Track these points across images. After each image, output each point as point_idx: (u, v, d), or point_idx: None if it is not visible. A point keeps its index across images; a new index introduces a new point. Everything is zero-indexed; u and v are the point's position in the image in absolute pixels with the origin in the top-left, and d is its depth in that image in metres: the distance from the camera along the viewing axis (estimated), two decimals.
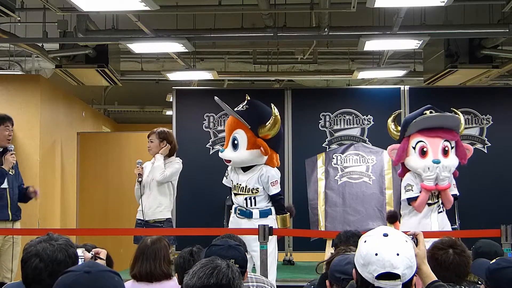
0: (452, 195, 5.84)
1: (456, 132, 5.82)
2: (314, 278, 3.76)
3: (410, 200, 5.78)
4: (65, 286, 1.94)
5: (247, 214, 5.76)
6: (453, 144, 5.81)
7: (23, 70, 9.35)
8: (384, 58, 9.18)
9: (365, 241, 2.40)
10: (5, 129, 6.04)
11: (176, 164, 6.38)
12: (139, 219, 6.24)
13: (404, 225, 5.72)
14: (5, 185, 5.97)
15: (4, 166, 5.95)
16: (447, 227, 5.84)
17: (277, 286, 4.54)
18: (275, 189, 5.80)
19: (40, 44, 8.00)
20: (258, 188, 5.77)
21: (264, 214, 5.78)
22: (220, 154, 5.99)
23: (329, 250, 6.96)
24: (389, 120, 6.24)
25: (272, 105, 5.71)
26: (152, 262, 3.97)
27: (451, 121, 5.87)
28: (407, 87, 8.37)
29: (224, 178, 6.05)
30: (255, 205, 5.75)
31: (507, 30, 7.00)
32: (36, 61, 9.38)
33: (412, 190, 5.80)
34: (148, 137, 6.38)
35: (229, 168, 5.99)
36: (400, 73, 9.44)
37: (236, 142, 5.78)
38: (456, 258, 3.30)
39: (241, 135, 5.79)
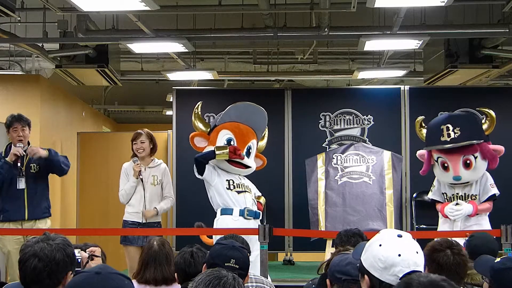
0: (489, 196, 5.86)
1: (473, 145, 5.79)
2: (314, 277, 3.76)
3: (433, 201, 5.93)
4: (75, 286, 1.97)
5: (257, 215, 5.76)
6: (477, 154, 5.79)
7: (23, 70, 9.34)
8: (384, 58, 9.18)
9: (380, 245, 2.38)
10: (13, 131, 6.05)
11: (167, 171, 6.45)
12: (133, 221, 6.21)
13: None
14: (21, 186, 5.98)
15: (7, 158, 5.96)
16: (471, 228, 5.73)
17: (277, 286, 4.54)
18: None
19: (40, 44, 8.00)
20: (255, 193, 5.97)
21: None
22: (244, 161, 5.91)
23: (329, 250, 6.96)
24: (417, 127, 6.25)
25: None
26: (165, 266, 3.97)
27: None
28: (407, 87, 8.37)
29: (207, 170, 5.83)
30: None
31: (507, 30, 7.00)
32: (36, 61, 9.38)
33: (432, 191, 6.03)
34: (136, 139, 6.31)
35: (216, 167, 5.90)
36: (400, 73, 9.45)
37: (250, 151, 5.88)
38: (456, 258, 3.29)
39: (254, 145, 6.01)
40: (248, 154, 5.88)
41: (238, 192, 5.75)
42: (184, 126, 8.43)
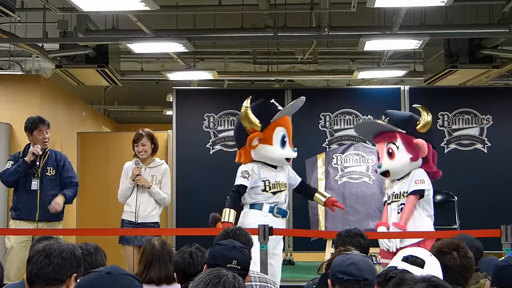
0: (412, 191, 5.56)
1: (396, 132, 5.69)
2: (314, 277, 3.76)
3: (385, 202, 5.83)
4: (86, 285, 2.01)
5: (285, 214, 5.72)
6: (398, 143, 5.67)
7: (23, 70, 9.34)
8: (384, 58, 9.18)
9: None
10: (38, 134, 6.12)
11: (167, 172, 6.40)
12: (129, 221, 6.22)
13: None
14: (35, 187, 6.07)
15: (26, 158, 6.07)
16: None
17: None
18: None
19: (40, 44, 8.00)
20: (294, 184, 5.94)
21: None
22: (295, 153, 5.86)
23: (329, 250, 6.96)
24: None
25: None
26: (169, 265, 3.97)
27: (377, 126, 5.78)
28: (407, 87, 8.38)
29: (244, 179, 5.59)
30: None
31: (507, 30, 7.00)
32: (36, 61, 9.38)
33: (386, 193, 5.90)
34: (137, 142, 6.28)
35: (255, 168, 5.63)
36: (400, 73, 9.45)
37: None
38: (463, 260, 3.30)
39: None
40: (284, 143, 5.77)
41: (274, 193, 5.63)
42: (184, 126, 8.45)
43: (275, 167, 5.69)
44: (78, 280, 2.55)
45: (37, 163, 6.10)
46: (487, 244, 4.61)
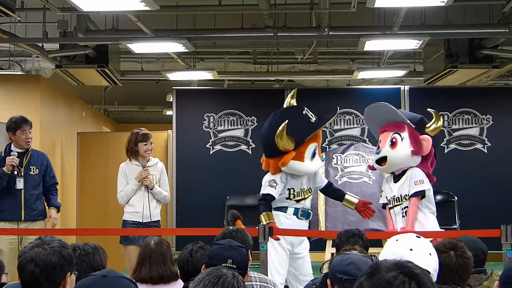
0: (414, 193, 5.49)
1: (405, 124, 5.68)
2: (315, 277, 3.76)
3: (384, 205, 5.79)
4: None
5: (308, 215, 5.74)
6: (404, 135, 5.66)
7: (23, 70, 9.35)
8: (384, 58, 9.18)
9: (397, 240, 2.62)
10: (22, 133, 6.08)
11: (164, 169, 6.37)
12: (133, 221, 6.20)
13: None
14: (20, 186, 6.01)
15: (4, 168, 5.98)
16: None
17: None
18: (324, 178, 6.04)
19: (40, 44, 8.00)
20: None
21: None
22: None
23: (329, 250, 6.97)
24: None
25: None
26: (161, 265, 3.97)
27: (388, 112, 5.75)
28: (407, 87, 8.38)
29: (272, 188, 5.56)
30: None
31: (507, 30, 7.00)
32: (36, 61, 9.39)
33: (381, 196, 5.86)
34: (147, 140, 6.23)
35: (283, 178, 5.57)
36: (400, 73, 9.45)
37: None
38: (459, 260, 3.28)
39: None
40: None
41: (298, 201, 5.64)
42: (184, 126, 8.45)
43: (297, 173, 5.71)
44: (72, 274, 2.60)
45: (16, 172, 6.00)
46: (487, 244, 4.62)
